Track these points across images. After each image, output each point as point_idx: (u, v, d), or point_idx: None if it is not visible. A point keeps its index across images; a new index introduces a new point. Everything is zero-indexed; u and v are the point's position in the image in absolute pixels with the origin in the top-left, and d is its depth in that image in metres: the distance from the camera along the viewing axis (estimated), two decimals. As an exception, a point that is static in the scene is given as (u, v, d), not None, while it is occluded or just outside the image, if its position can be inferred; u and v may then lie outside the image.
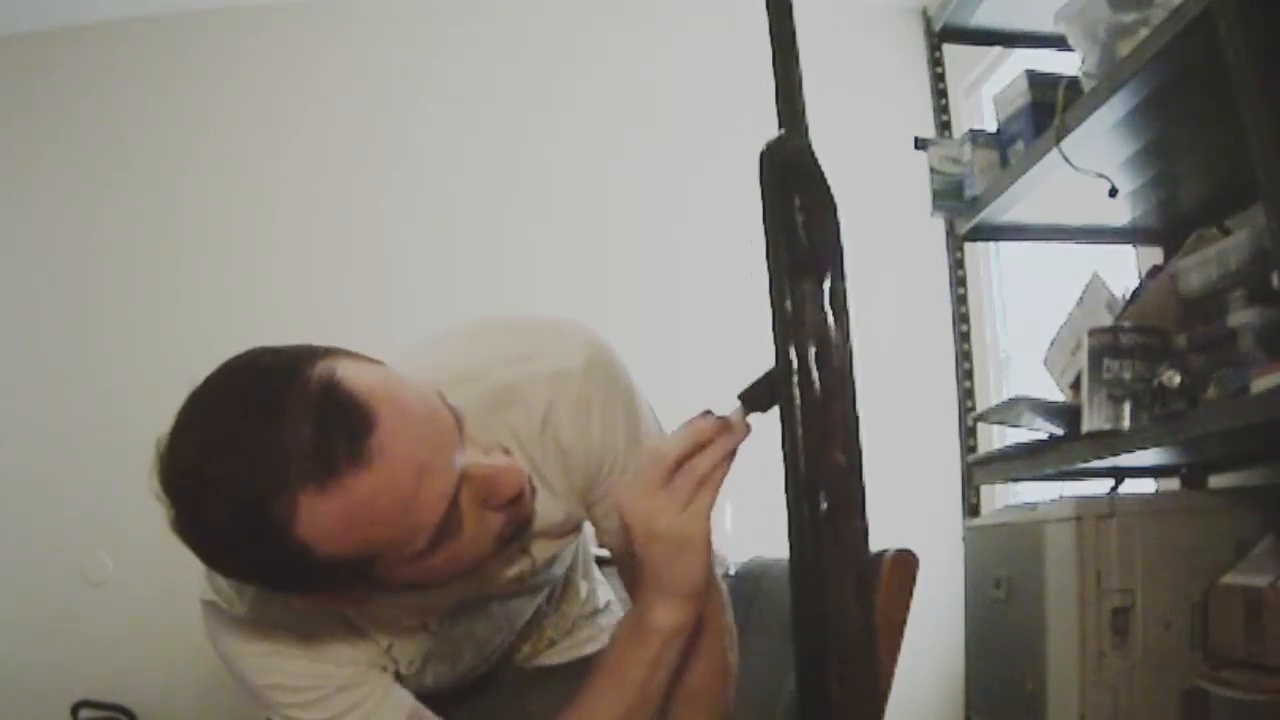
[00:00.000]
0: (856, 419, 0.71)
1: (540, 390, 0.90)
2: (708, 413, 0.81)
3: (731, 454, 0.81)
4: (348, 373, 0.72)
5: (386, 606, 0.92)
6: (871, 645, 0.70)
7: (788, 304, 0.68)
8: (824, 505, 0.66)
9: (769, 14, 0.75)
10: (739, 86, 2.28)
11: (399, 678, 0.99)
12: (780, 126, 0.74)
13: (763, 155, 0.73)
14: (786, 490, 0.67)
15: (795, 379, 0.66)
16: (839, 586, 0.67)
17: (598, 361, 0.92)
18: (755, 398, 0.79)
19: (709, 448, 0.80)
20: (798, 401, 0.66)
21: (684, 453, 0.80)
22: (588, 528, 1.11)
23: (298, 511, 0.69)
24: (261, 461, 0.69)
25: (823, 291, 0.70)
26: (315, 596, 0.81)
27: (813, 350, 0.68)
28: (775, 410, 0.72)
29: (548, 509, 0.94)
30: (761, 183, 0.72)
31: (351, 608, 0.91)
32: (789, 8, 0.74)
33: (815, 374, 0.67)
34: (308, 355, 0.74)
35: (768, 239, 0.71)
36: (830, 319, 0.69)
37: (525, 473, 0.82)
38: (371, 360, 0.77)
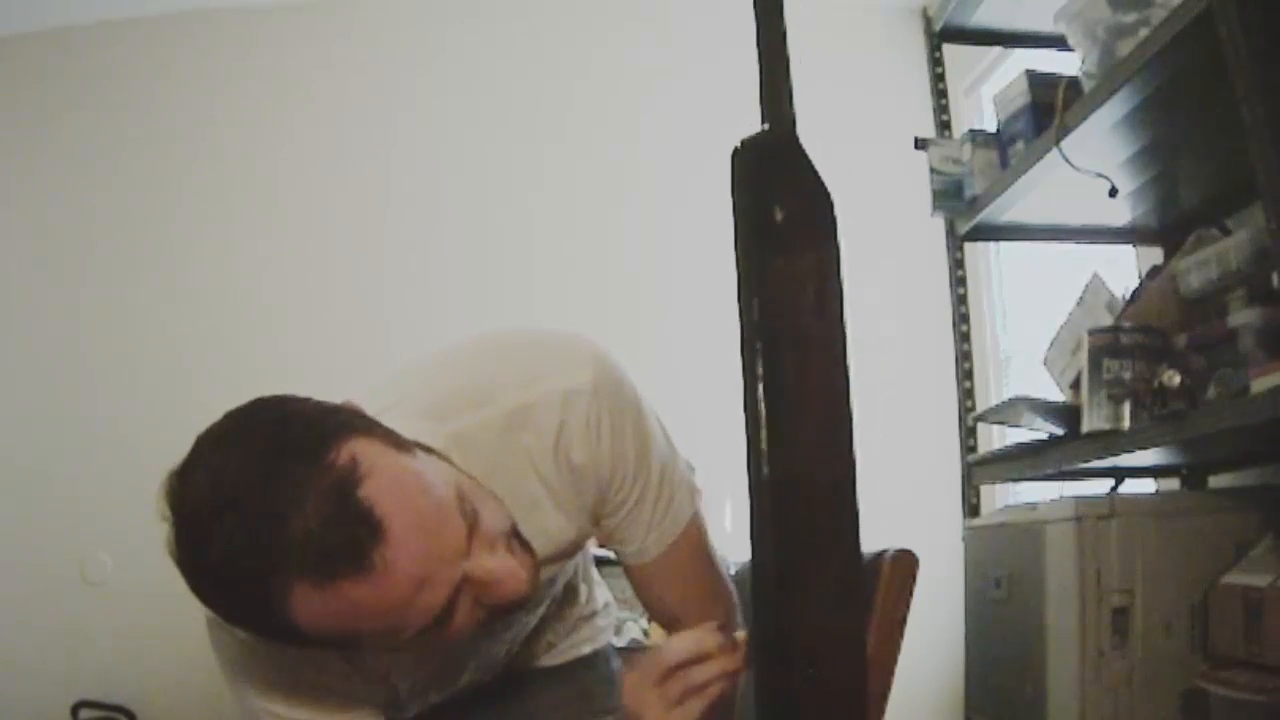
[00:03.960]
0: (849, 425, 0.69)
1: (551, 411, 0.90)
2: (721, 627, 0.85)
3: (731, 674, 0.84)
4: (369, 467, 0.71)
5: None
6: (857, 646, 0.69)
7: (755, 313, 0.65)
8: (793, 508, 0.65)
9: (754, 6, 0.72)
10: (746, 81, 2.28)
11: (400, 701, 0.99)
12: (763, 121, 0.70)
13: (735, 153, 0.69)
14: (750, 499, 0.66)
15: (760, 393, 0.64)
16: (808, 588, 0.65)
17: (605, 378, 0.92)
18: None
19: (709, 662, 0.83)
20: (763, 419, 0.64)
21: (684, 660, 0.84)
22: None
23: (290, 594, 0.69)
24: (265, 539, 0.68)
25: (808, 294, 0.67)
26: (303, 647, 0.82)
27: (786, 351, 0.65)
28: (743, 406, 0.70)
29: (559, 529, 0.94)
30: (732, 181, 0.68)
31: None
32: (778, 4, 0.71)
33: (786, 377, 0.65)
34: (335, 431, 0.72)
35: (736, 239, 0.67)
36: (811, 317, 0.67)
37: (527, 578, 0.82)
38: (400, 446, 0.76)
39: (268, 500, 0.69)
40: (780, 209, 0.67)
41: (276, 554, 0.68)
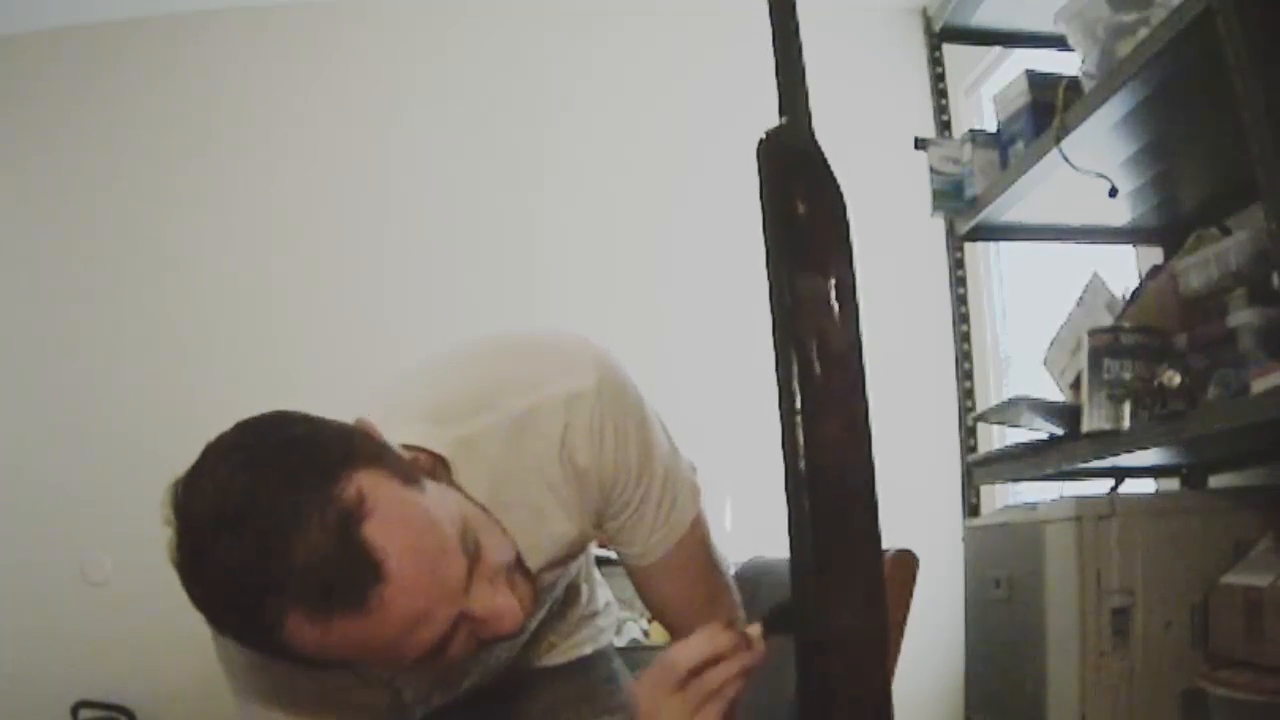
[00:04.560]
0: (866, 415, 0.70)
1: (555, 415, 0.90)
2: (730, 625, 0.82)
3: (745, 671, 0.82)
4: (374, 503, 0.70)
5: None
6: (884, 640, 0.70)
7: (787, 298, 0.67)
8: (825, 507, 0.66)
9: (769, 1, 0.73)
10: (745, 82, 2.28)
11: (405, 705, 0.99)
12: (781, 114, 0.72)
13: (761, 144, 0.71)
14: (786, 494, 0.66)
15: (795, 377, 0.65)
16: (842, 589, 0.66)
17: (608, 381, 0.92)
18: (777, 622, 0.79)
19: (724, 663, 0.81)
20: (798, 403, 0.65)
21: (699, 664, 0.81)
22: None
23: (285, 619, 0.69)
24: (264, 564, 0.68)
25: (828, 284, 0.68)
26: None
27: (815, 345, 0.66)
28: (777, 399, 0.70)
29: (563, 533, 0.94)
30: (760, 174, 0.70)
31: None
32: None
33: (817, 370, 0.66)
34: (344, 460, 0.71)
35: (766, 232, 0.70)
36: (835, 313, 0.68)
37: (525, 612, 0.83)
38: (408, 479, 0.75)
39: (270, 525, 0.68)
40: (802, 202, 0.68)
41: (274, 581, 0.68)
